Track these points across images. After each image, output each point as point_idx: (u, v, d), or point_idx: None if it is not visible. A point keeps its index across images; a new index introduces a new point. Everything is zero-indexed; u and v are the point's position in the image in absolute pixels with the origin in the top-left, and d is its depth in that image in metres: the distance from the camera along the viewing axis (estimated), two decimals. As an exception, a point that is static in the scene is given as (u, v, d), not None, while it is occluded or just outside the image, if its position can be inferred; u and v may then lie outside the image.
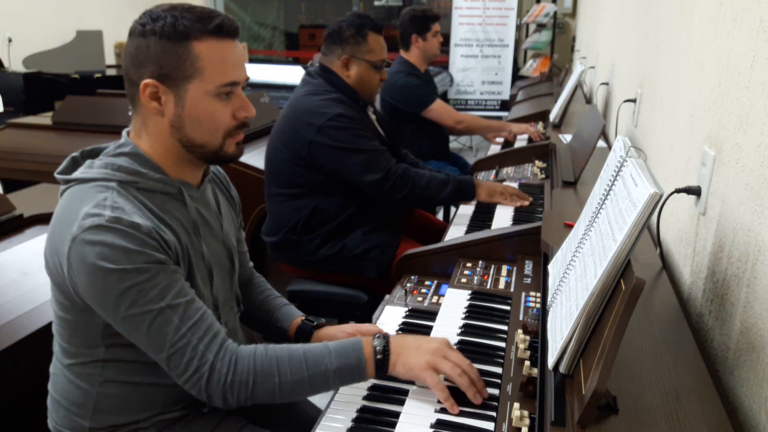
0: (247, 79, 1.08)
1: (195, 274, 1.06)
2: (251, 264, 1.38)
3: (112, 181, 0.99)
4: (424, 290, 1.44)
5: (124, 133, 1.09)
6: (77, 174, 1.01)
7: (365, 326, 1.22)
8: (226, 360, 0.98)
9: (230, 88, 1.03)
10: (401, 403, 1.02)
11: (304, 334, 1.26)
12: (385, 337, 1.03)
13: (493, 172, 2.55)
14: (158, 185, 1.04)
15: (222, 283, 1.16)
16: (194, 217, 1.08)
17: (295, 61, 9.18)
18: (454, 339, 1.21)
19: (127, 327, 0.96)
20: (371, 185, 1.91)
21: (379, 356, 1.01)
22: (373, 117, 2.13)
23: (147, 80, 1.00)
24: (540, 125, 3.34)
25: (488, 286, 1.42)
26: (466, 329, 1.25)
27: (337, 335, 1.22)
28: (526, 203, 2.06)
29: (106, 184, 0.99)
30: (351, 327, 1.23)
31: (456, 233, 1.89)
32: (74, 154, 1.07)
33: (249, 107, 1.07)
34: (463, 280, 1.46)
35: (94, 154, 1.08)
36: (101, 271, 0.92)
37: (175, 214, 1.05)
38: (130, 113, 1.09)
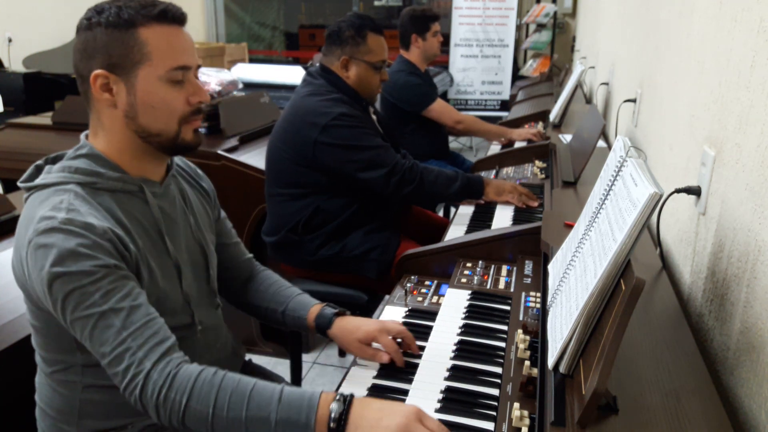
0: (199, 66, 1.08)
1: (156, 275, 1.04)
2: (250, 255, 1.36)
3: (71, 183, 0.99)
4: (424, 290, 1.44)
5: (82, 136, 1.08)
6: (38, 180, 1.02)
7: (390, 324, 1.16)
8: (165, 372, 0.92)
9: (181, 73, 1.02)
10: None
11: (324, 321, 1.21)
12: (347, 402, 0.90)
13: (493, 172, 2.55)
14: (117, 184, 1.03)
15: (194, 279, 1.15)
16: (156, 215, 1.07)
17: (295, 61, 9.18)
18: (454, 339, 1.21)
19: (76, 331, 0.94)
20: (377, 181, 1.91)
21: (332, 425, 0.88)
22: (374, 117, 2.13)
23: (97, 71, 1.00)
24: (540, 125, 3.34)
25: (488, 286, 1.42)
26: (466, 329, 1.25)
27: (361, 327, 1.15)
28: (535, 204, 2.06)
29: (64, 188, 0.98)
30: (376, 321, 1.17)
31: (456, 233, 1.89)
32: (38, 162, 1.07)
33: (202, 92, 1.06)
34: (463, 280, 1.45)
35: (57, 160, 1.07)
36: (50, 274, 0.91)
37: (135, 215, 1.04)
38: None
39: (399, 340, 1.17)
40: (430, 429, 0.87)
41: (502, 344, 1.19)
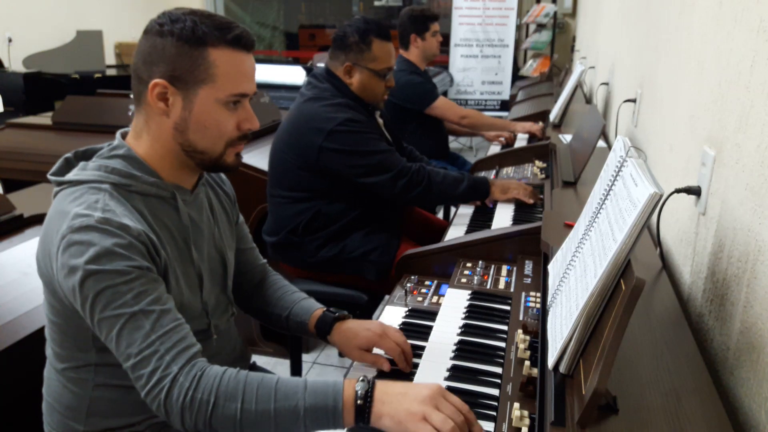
0: (255, 92, 1.09)
1: (180, 282, 1.05)
2: (264, 261, 1.36)
3: (105, 183, 0.99)
4: (424, 290, 1.44)
5: (118, 134, 1.08)
6: (70, 176, 1.01)
7: (391, 330, 1.15)
8: (190, 375, 0.91)
9: (239, 98, 1.03)
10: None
11: (324, 326, 1.20)
12: (370, 382, 0.93)
13: (493, 172, 2.55)
14: (152, 189, 1.03)
15: (213, 286, 1.15)
16: (186, 223, 1.08)
17: (295, 61, 9.18)
18: (454, 339, 1.21)
19: (102, 331, 0.93)
20: (385, 185, 1.90)
21: (359, 401, 0.90)
22: (380, 121, 2.12)
23: (157, 80, 0.99)
24: (540, 125, 3.34)
25: (488, 286, 1.42)
26: (466, 329, 1.25)
27: (360, 333, 1.15)
28: (538, 200, 2.07)
29: (99, 186, 0.98)
30: (377, 325, 1.16)
31: (456, 233, 1.89)
32: (67, 154, 1.07)
33: (254, 120, 1.07)
34: (463, 280, 1.45)
35: (87, 155, 1.07)
36: (82, 271, 0.91)
37: (164, 221, 1.04)
38: (130, 113, 1.09)
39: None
40: (454, 404, 0.90)
41: (502, 344, 1.19)
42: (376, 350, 1.15)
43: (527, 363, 1.06)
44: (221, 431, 0.92)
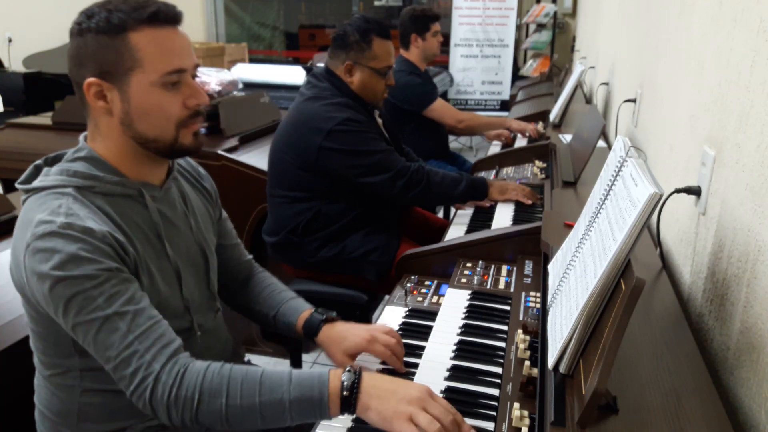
0: (197, 65, 1.05)
1: (156, 279, 1.03)
2: (250, 257, 1.35)
3: (68, 187, 0.97)
4: (424, 290, 1.44)
5: (81, 137, 1.06)
6: (35, 183, 1.00)
7: (380, 334, 1.13)
8: (173, 372, 0.91)
9: (176, 76, 1.00)
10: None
11: (312, 328, 1.19)
12: (357, 373, 0.92)
13: (493, 172, 2.55)
14: (117, 188, 1.01)
15: (196, 282, 1.14)
16: (156, 219, 1.06)
17: (295, 61, 9.18)
18: (454, 339, 1.21)
19: (79, 335, 0.93)
20: (384, 185, 1.90)
21: (345, 393, 0.90)
22: (380, 120, 2.12)
23: (89, 79, 0.97)
24: (540, 125, 3.34)
25: (488, 286, 1.42)
26: (466, 329, 1.25)
27: (348, 338, 1.13)
28: (537, 201, 2.08)
29: (62, 191, 0.97)
30: (366, 331, 1.14)
31: (456, 233, 1.89)
32: (37, 162, 1.05)
33: (200, 94, 1.03)
34: (463, 280, 1.45)
35: (57, 160, 1.06)
36: (50, 279, 0.90)
37: (134, 219, 1.03)
38: None
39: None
40: (442, 407, 0.89)
41: (502, 344, 1.19)
42: (365, 356, 1.14)
43: (527, 363, 1.06)
44: (209, 425, 0.92)
